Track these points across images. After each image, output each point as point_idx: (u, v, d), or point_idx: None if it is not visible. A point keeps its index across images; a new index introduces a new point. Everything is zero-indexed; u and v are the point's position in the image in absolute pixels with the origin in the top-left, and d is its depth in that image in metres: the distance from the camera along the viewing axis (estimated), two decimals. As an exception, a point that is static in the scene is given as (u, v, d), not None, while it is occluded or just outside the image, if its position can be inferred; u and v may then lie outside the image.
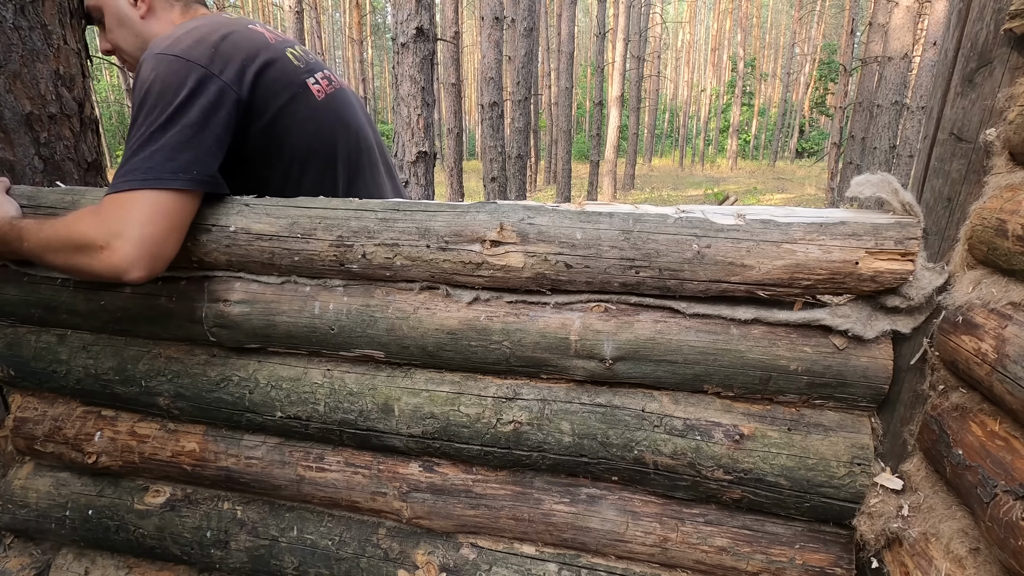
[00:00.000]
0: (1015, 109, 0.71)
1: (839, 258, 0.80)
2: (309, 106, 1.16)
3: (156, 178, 0.91)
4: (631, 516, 0.99)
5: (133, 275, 0.91)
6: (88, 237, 0.91)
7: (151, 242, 0.91)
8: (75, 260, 0.94)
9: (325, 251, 0.97)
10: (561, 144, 12.93)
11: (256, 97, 1.06)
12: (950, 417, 0.80)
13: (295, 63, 1.16)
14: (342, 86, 1.29)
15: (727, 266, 0.84)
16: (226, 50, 1.04)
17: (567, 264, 0.89)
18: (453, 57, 8.72)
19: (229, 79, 1.01)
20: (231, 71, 1.02)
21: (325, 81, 1.22)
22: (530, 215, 0.90)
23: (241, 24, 1.13)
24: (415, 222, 0.94)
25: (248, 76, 1.05)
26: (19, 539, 1.34)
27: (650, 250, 0.85)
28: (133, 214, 0.90)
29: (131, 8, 1.17)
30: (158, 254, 0.92)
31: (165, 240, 0.93)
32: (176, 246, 0.96)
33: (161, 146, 0.93)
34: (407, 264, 0.95)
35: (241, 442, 1.13)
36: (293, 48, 1.19)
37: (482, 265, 0.92)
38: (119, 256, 0.90)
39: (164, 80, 0.96)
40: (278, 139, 1.12)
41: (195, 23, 1.08)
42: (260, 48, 1.10)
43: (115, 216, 0.91)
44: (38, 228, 0.98)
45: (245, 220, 0.99)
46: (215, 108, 0.99)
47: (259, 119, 1.08)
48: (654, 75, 27.29)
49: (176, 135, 0.94)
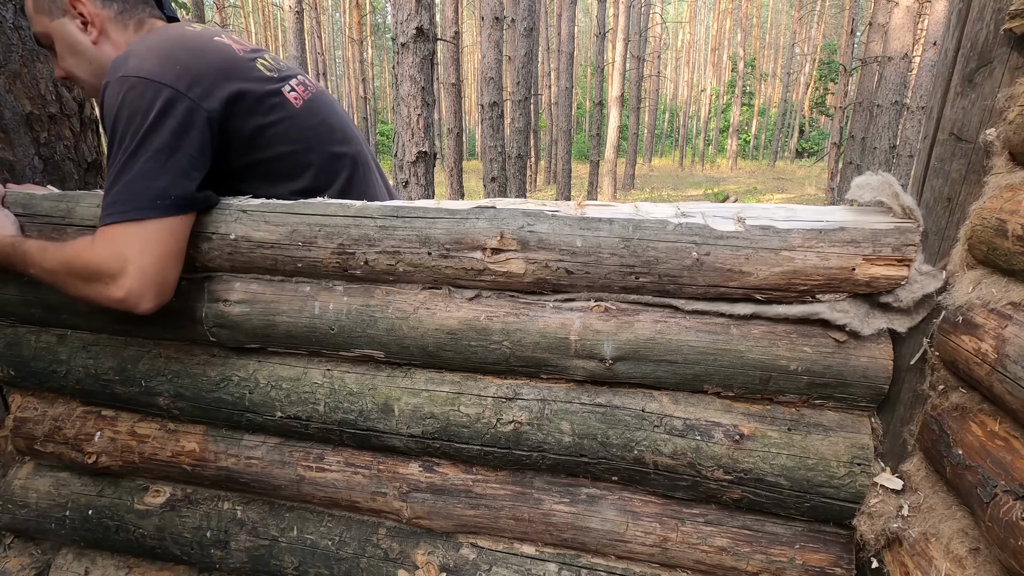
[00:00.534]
0: (1015, 109, 0.71)
1: (836, 264, 0.81)
2: (288, 115, 1.12)
3: (135, 208, 0.91)
4: (631, 516, 0.99)
5: (144, 307, 0.94)
6: (91, 273, 0.93)
7: (151, 272, 0.92)
8: (86, 292, 0.96)
9: (328, 258, 0.98)
10: (561, 144, 12.92)
11: (230, 114, 1.02)
12: (950, 417, 0.80)
13: (267, 73, 1.12)
14: (319, 89, 1.25)
15: (725, 272, 0.84)
16: (193, 66, 0.99)
17: (567, 270, 0.89)
18: (453, 57, 8.72)
19: (197, 96, 0.97)
20: (199, 89, 0.98)
21: (301, 87, 1.18)
22: (530, 222, 0.90)
23: (206, 37, 1.08)
24: (415, 230, 0.94)
25: (219, 92, 1.00)
26: (19, 539, 1.34)
27: (650, 257, 0.86)
28: (125, 250, 0.91)
29: (81, 34, 1.09)
30: (161, 281, 0.94)
31: (163, 267, 0.94)
32: (177, 268, 0.96)
33: (135, 175, 0.92)
34: (410, 270, 0.96)
35: (241, 442, 1.13)
36: (263, 58, 1.15)
37: (484, 272, 0.92)
38: (125, 291, 0.92)
39: (131, 105, 0.93)
40: (262, 152, 1.09)
41: (156, 38, 1.02)
42: (229, 62, 1.05)
43: (109, 253, 0.92)
44: (42, 256, 0.99)
45: (244, 228, 0.99)
46: (185, 129, 0.95)
47: (238, 135, 1.04)
48: (654, 75, 27.29)
49: (148, 161, 0.92)
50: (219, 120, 1.00)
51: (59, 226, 1.07)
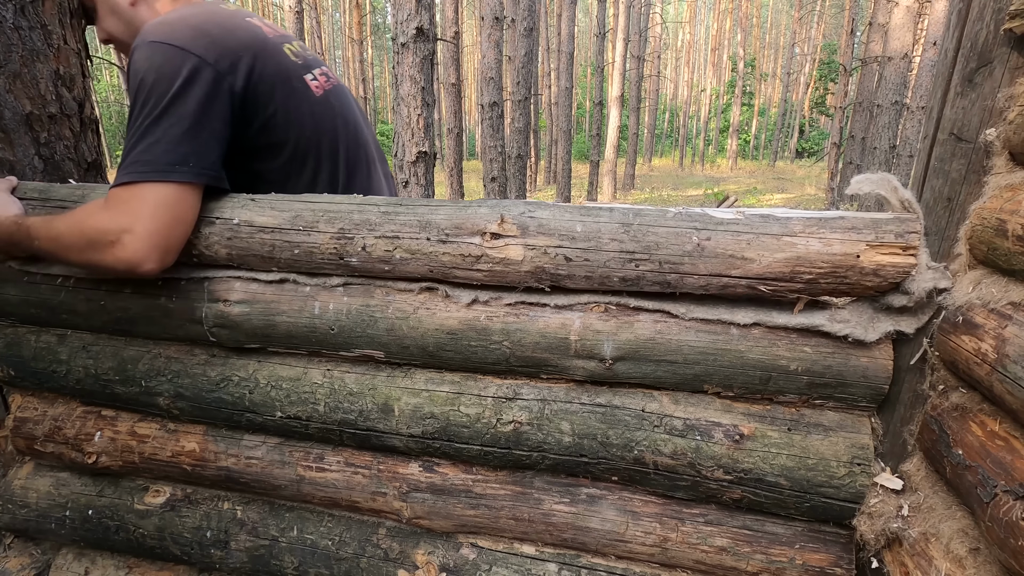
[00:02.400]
0: (1015, 109, 0.71)
1: (840, 251, 0.80)
2: (308, 102, 1.15)
3: (155, 171, 0.91)
4: (631, 516, 0.99)
5: (145, 268, 0.92)
6: (98, 232, 0.92)
7: (159, 235, 0.91)
8: (88, 256, 0.94)
9: (326, 243, 0.97)
10: (561, 144, 12.92)
11: (253, 91, 1.04)
12: (950, 417, 0.80)
13: (293, 59, 1.15)
14: (339, 83, 1.28)
15: (727, 259, 0.83)
16: (223, 41, 1.01)
17: (566, 257, 0.89)
18: (453, 57, 8.72)
19: (224, 70, 0.99)
20: (227, 62, 1.00)
21: (323, 78, 1.21)
22: (531, 209, 0.91)
23: (239, 16, 1.11)
24: (417, 215, 0.94)
25: (244, 69, 1.03)
26: (19, 539, 1.34)
27: (650, 242, 0.85)
28: (138, 208, 0.91)
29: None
30: (167, 246, 0.93)
31: (172, 232, 0.93)
32: (184, 237, 0.96)
33: (158, 138, 0.92)
34: (406, 257, 0.95)
35: (241, 442, 1.13)
36: (291, 43, 1.18)
37: (481, 258, 0.91)
38: (130, 251, 0.90)
39: (159, 70, 0.94)
40: (277, 134, 1.11)
41: (190, 10, 1.05)
42: (257, 41, 1.08)
43: (121, 211, 0.91)
44: (47, 226, 0.98)
45: (249, 213, 0.99)
46: (211, 99, 0.97)
47: (257, 113, 1.07)
48: (654, 75, 27.28)
49: (173, 127, 0.93)
50: (242, 96, 1.03)
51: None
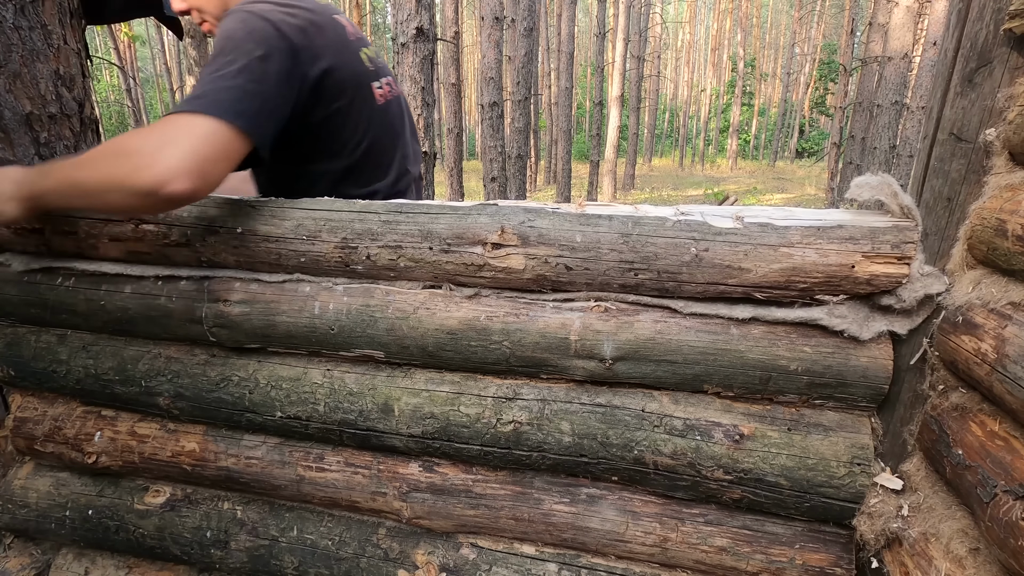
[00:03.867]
0: (1015, 109, 0.71)
1: (835, 261, 0.81)
2: (369, 107, 1.19)
3: (218, 109, 0.90)
4: (631, 516, 0.99)
5: (175, 186, 0.84)
6: (134, 145, 0.88)
7: (202, 158, 0.87)
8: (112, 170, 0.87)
9: (330, 252, 0.98)
10: (561, 144, 12.92)
11: (323, 87, 1.08)
12: (950, 417, 0.80)
13: (366, 64, 1.20)
14: (400, 93, 1.33)
15: (724, 269, 0.84)
16: (309, 31, 1.05)
17: (567, 266, 0.89)
18: (453, 57, 8.72)
19: (305, 59, 1.04)
20: (308, 53, 1.04)
21: (388, 87, 1.26)
22: (531, 218, 0.91)
23: (328, 11, 1.16)
24: (417, 224, 0.94)
25: (322, 63, 1.07)
26: (19, 539, 1.34)
27: (649, 253, 0.86)
28: (192, 128, 0.88)
29: None
30: (205, 173, 0.87)
31: (215, 164, 0.89)
32: (221, 177, 0.91)
33: (231, 87, 0.93)
34: (411, 265, 0.96)
35: (241, 442, 1.13)
36: (367, 48, 1.22)
37: (484, 267, 0.92)
38: (165, 165, 0.84)
39: (250, 35, 0.97)
40: (333, 134, 1.15)
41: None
42: (340, 40, 1.13)
43: (171, 127, 0.88)
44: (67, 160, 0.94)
45: (252, 222, 1.00)
46: (287, 78, 1.00)
47: (320, 109, 1.10)
48: (654, 75, 27.28)
49: (248, 84, 0.94)
50: (311, 87, 1.06)
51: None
